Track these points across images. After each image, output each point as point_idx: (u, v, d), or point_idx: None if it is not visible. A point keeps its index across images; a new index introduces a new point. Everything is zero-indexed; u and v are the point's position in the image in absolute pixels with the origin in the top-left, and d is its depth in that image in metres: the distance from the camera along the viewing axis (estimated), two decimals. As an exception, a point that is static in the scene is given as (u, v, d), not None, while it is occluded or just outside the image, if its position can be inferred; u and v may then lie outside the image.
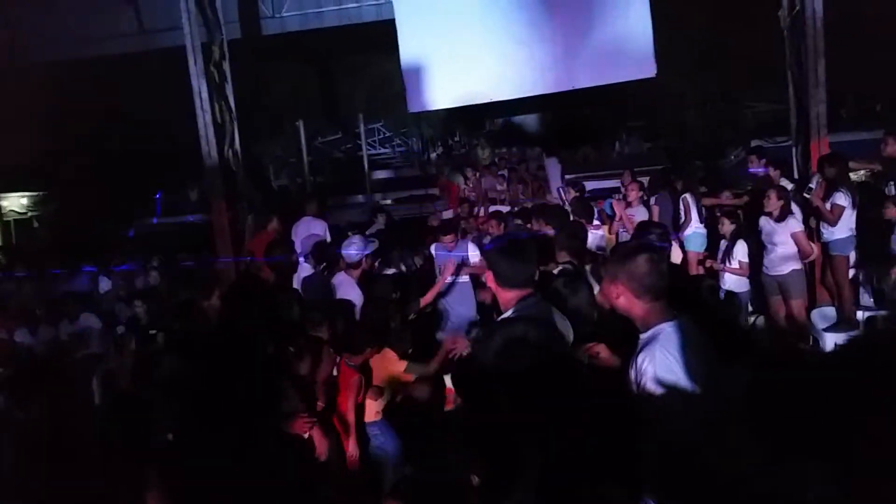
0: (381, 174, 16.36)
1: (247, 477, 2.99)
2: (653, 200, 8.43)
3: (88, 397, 7.22)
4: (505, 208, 10.95)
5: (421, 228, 9.62)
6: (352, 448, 4.31)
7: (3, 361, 6.84)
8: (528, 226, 6.89)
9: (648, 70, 9.86)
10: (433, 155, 17.60)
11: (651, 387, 2.28)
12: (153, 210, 15.89)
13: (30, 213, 18.99)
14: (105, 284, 9.28)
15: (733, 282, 6.98)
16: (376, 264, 6.45)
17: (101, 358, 7.73)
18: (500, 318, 2.84)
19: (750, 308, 7.38)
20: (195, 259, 9.52)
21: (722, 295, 6.92)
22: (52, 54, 11.90)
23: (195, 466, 3.01)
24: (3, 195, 18.58)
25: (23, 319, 7.66)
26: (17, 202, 19.08)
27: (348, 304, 5.19)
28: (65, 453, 2.97)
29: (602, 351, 3.08)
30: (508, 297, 2.83)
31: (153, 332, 7.71)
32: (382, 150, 18.69)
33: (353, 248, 5.68)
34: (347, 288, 5.49)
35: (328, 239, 8.09)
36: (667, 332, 2.39)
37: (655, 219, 8.18)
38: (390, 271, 6.96)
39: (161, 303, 7.51)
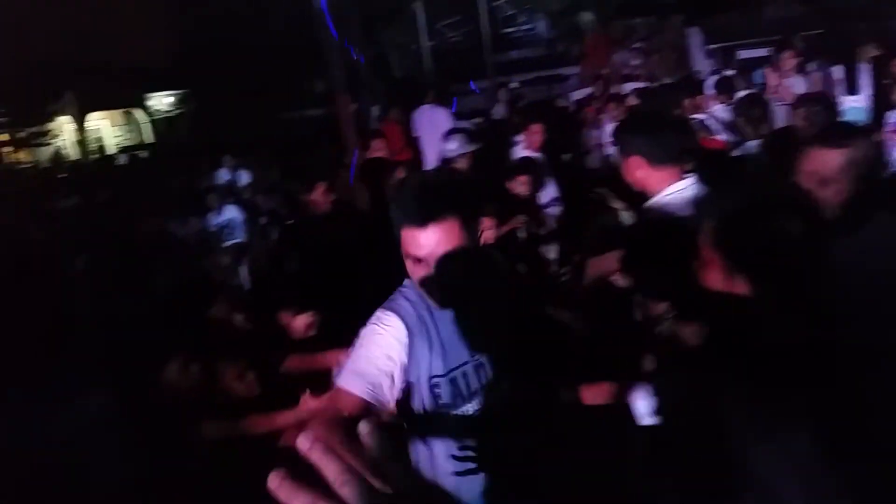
0: (505, 56, 15.68)
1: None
2: (809, 68, 7.55)
3: (237, 283, 7.74)
4: (641, 85, 10.18)
5: (548, 113, 9.17)
6: None
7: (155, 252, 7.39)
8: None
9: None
10: (561, 32, 16.60)
11: None
12: (284, 105, 16.26)
13: (174, 112, 20.08)
14: (245, 177, 9.68)
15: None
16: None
17: (246, 247, 8.19)
18: (646, 204, 2.51)
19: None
20: (320, 152, 9.67)
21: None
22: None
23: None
24: (149, 95, 19.70)
25: (173, 212, 8.17)
26: (162, 101, 20.19)
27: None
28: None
29: None
30: (658, 179, 2.41)
31: (290, 222, 8.06)
32: (506, 31, 17.86)
33: (453, 144, 5.35)
34: None
35: (450, 126, 7.88)
36: None
37: (814, 89, 7.37)
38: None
39: (289, 195, 7.72)
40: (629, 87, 10.04)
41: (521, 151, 5.66)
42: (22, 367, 1.98)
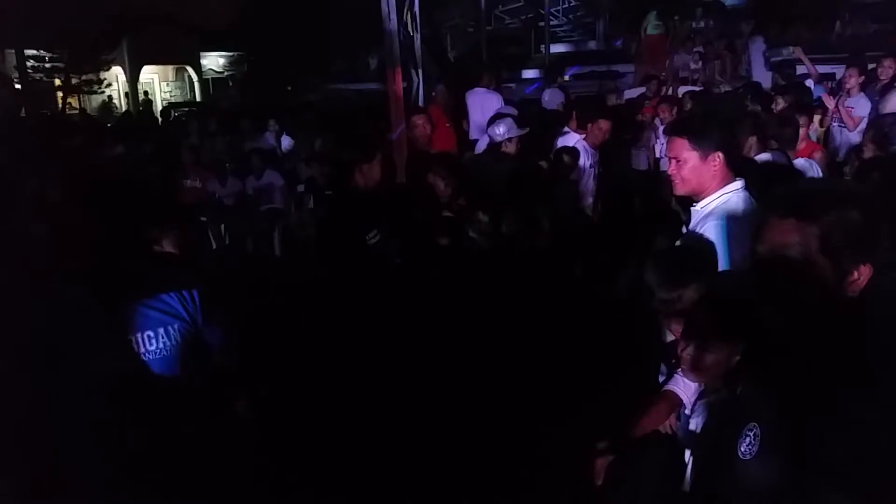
0: (561, 48, 15.44)
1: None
2: (879, 90, 7.27)
3: (269, 246, 7.77)
4: (697, 89, 9.94)
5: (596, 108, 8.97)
6: None
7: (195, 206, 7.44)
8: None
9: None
10: (621, 29, 16.29)
11: None
12: (337, 76, 16.26)
13: (226, 73, 20.23)
14: (287, 143, 9.68)
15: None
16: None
17: (281, 213, 8.21)
18: (697, 206, 2.48)
19: None
20: (368, 125, 9.62)
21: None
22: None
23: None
24: (203, 54, 19.86)
25: (214, 171, 8.20)
26: (215, 61, 20.35)
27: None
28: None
29: None
30: (728, 178, 2.46)
31: (328, 192, 8.03)
32: (565, 22, 17.61)
33: (501, 127, 5.17)
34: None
35: (502, 110, 7.77)
36: None
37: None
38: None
39: (333, 165, 7.67)
40: (684, 90, 9.82)
41: (569, 141, 5.54)
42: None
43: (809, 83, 8.45)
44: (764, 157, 3.85)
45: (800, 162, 4.32)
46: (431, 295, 3.35)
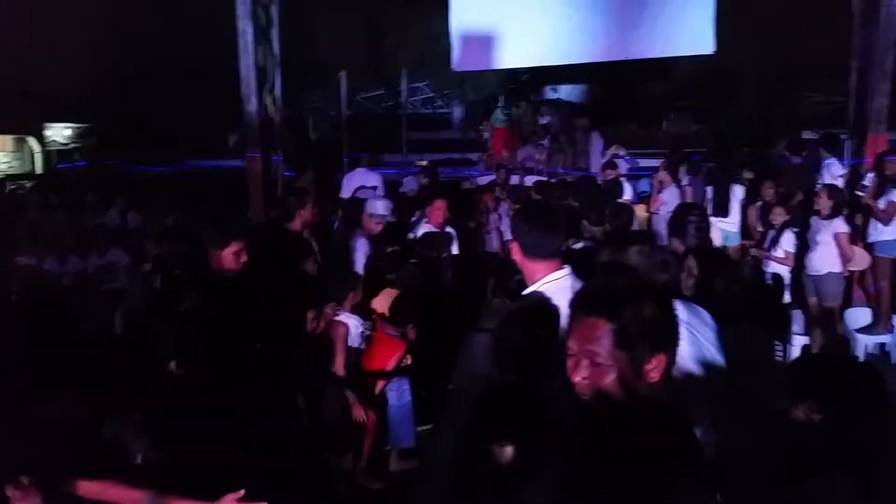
0: (419, 135, 16.12)
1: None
2: (685, 181, 8.37)
3: (110, 330, 7.32)
4: (543, 178, 10.72)
5: (455, 192, 9.43)
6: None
7: (28, 287, 6.92)
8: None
9: (706, 46, 9.50)
10: (475, 120, 17.29)
11: None
12: (192, 152, 15.93)
13: (71, 145, 19.22)
14: (134, 220, 9.32)
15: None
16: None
17: (125, 293, 7.80)
18: (524, 292, 2.69)
19: (789, 299, 7.14)
20: (226, 205, 9.49)
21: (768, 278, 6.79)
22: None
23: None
24: (47, 125, 18.81)
25: (53, 248, 7.73)
26: (60, 133, 19.31)
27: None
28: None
29: None
30: (534, 269, 2.63)
31: (177, 272, 7.77)
32: (424, 111, 18.43)
33: (381, 207, 5.52)
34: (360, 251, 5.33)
35: (382, 192, 8.07)
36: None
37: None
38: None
39: (185, 245, 7.48)
40: (530, 179, 10.56)
41: (423, 226, 5.80)
42: None
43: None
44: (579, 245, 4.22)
45: None
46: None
